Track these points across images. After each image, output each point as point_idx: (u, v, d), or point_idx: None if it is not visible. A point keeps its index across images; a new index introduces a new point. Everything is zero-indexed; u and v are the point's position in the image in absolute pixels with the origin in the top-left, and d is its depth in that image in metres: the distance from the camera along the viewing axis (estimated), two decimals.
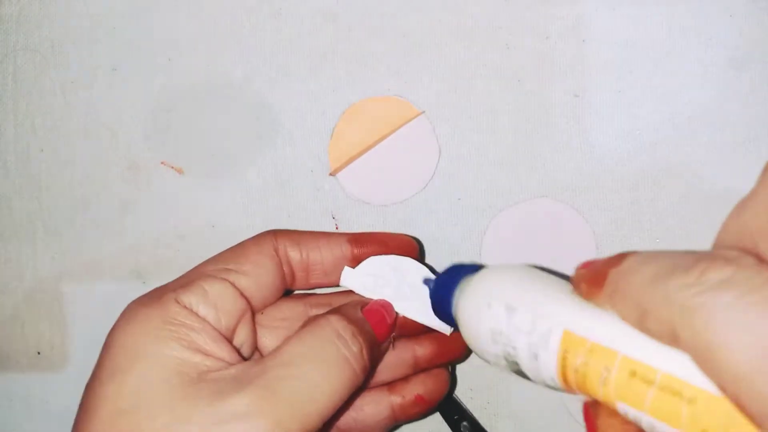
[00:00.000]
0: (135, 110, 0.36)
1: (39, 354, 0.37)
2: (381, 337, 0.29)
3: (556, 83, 0.35)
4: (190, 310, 0.26)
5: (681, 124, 0.34)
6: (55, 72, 0.37)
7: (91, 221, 0.37)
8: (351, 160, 0.35)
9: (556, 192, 0.35)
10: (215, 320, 0.26)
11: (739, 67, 0.34)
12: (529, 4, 0.35)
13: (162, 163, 0.36)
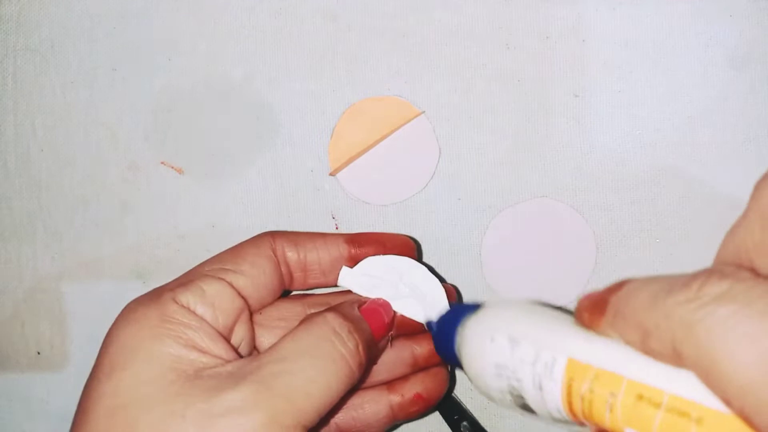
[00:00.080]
0: (135, 110, 0.36)
1: (39, 354, 0.37)
2: (378, 335, 0.29)
3: (556, 83, 0.35)
4: (187, 309, 0.26)
5: (681, 124, 0.34)
6: (55, 72, 0.37)
7: (91, 221, 0.37)
8: (351, 160, 0.35)
9: (556, 192, 0.35)
10: (213, 319, 0.26)
11: (739, 67, 0.34)
12: (529, 4, 0.35)
13: (162, 163, 0.36)
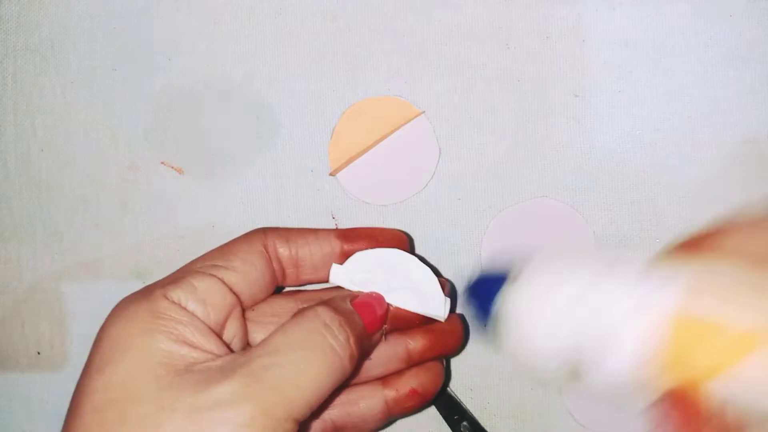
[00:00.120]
0: (135, 110, 0.36)
1: (39, 354, 0.37)
2: (371, 328, 0.29)
3: (556, 83, 0.35)
4: (178, 305, 0.26)
5: (681, 124, 0.34)
6: (55, 72, 0.37)
7: (91, 221, 0.37)
8: (351, 160, 0.35)
9: (556, 192, 0.35)
10: (204, 315, 0.26)
11: (739, 67, 0.34)
12: (529, 4, 0.35)
13: (162, 163, 0.36)
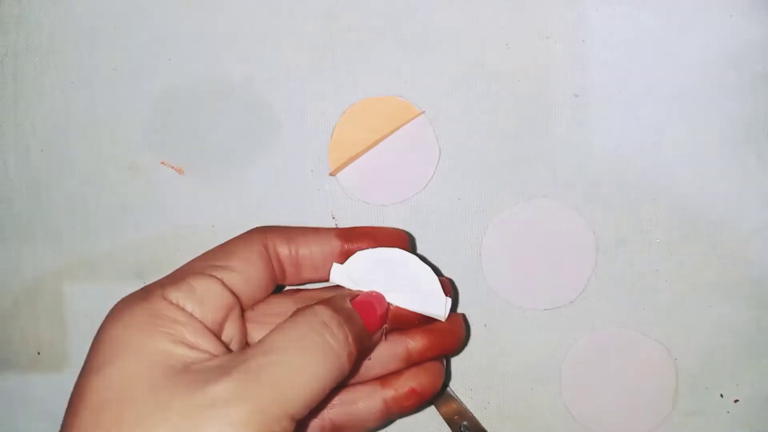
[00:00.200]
0: (135, 110, 0.36)
1: (39, 354, 0.37)
2: (371, 328, 0.29)
3: (556, 83, 0.35)
4: (176, 306, 0.26)
5: (681, 124, 0.34)
6: (55, 72, 0.37)
7: (91, 221, 0.37)
8: (351, 160, 0.35)
9: (556, 192, 0.35)
10: (202, 315, 0.26)
11: (739, 67, 0.34)
12: (529, 4, 0.35)
13: (162, 163, 0.36)
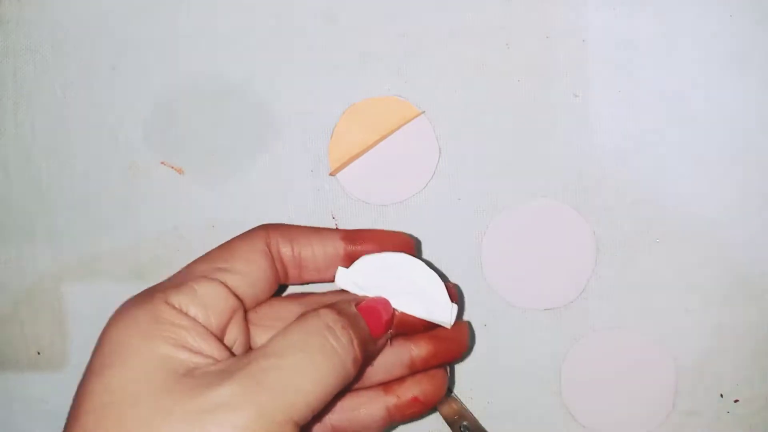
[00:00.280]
0: (135, 110, 0.36)
1: (39, 354, 0.37)
2: (376, 333, 0.28)
3: (556, 83, 0.35)
4: (179, 310, 0.26)
5: (681, 124, 0.34)
6: (55, 72, 0.37)
7: (91, 221, 0.37)
8: (351, 160, 0.35)
9: (556, 192, 0.35)
10: (205, 319, 0.26)
11: (739, 67, 0.34)
12: (529, 4, 0.35)
13: (162, 163, 0.36)
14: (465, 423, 0.34)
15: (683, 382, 0.35)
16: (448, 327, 0.30)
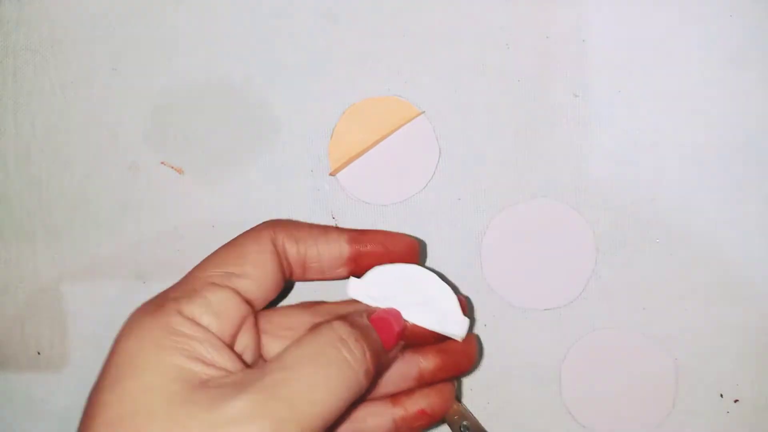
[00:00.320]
0: (135, 110, 0.36)
1: (39, 354, 0.37)
2: (388, 345, 0.28)
3: (556, 83, 0.35)
4: (192, 321, 0.26)
5: (681, 124, 0.34)
6: (55, 72, 0.37)
7: (91, 221, 0.37)
8: (351, 160, 0.35)
9: (556, 192, 0.35)
10: (218, 329, 0.26)
11: (739, 67, 0.34)
12: (529, 4, 0.35)
13: (162, 163, 0.36)
14: (465, 423, 0.34)
15: (683, 382, 0.35)
16: (460, 340, 0.30)
